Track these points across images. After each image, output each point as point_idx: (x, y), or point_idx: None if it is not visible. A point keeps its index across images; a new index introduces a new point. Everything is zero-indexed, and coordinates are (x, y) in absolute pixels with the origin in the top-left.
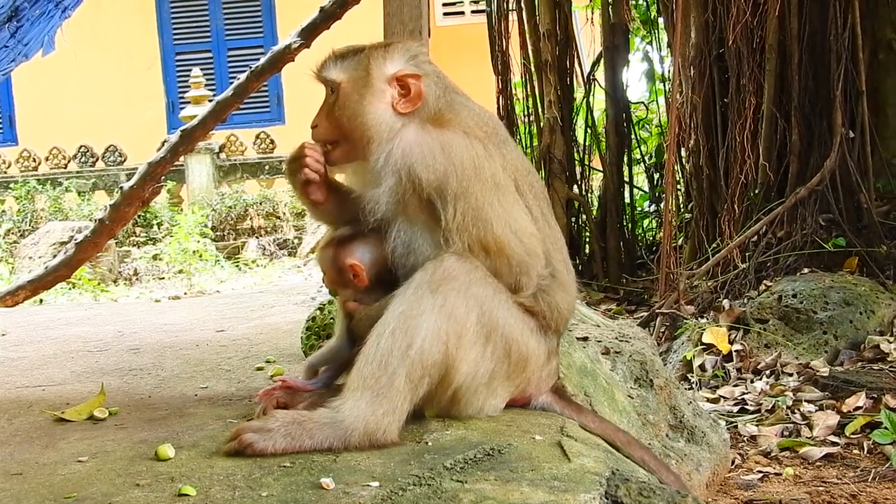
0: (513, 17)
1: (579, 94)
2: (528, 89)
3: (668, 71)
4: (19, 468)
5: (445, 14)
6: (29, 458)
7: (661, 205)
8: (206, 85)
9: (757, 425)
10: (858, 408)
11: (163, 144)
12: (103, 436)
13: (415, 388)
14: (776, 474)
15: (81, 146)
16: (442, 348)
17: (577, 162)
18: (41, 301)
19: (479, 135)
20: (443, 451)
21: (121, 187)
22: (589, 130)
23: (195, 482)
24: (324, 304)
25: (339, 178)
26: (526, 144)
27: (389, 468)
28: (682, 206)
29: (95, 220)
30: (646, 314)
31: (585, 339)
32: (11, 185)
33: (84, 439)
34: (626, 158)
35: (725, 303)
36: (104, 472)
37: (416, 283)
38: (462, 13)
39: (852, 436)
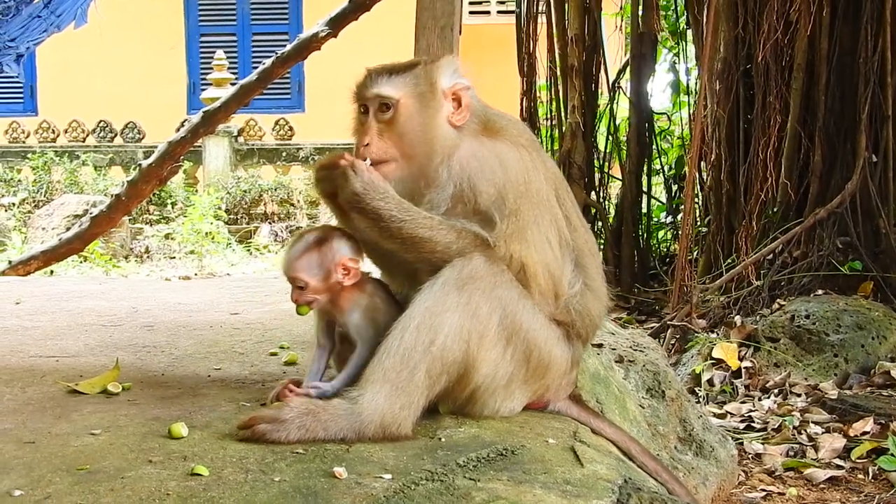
0: (541, 19)
1: (603, 100)
2: (553, 93)
3: (694, 83)
4: (32, 437)
5: (471, 13)
6: (41, 427)
7: (678, 217)
8: (228, 68)
9: (763, 443)
10: (866, 433)
11: (182, 124)
12: (116, 410)
13: (433, 385)
14: (780, 494)
15: (101, 121)
16: (463, 346)
17: (596, 168)
18: (52, 272)
19: (524, 143)
20: (456, 448)
21: (139, 164)
22: (610, 138)
23: (208, 463)
24: None
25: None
26: (547, 148)
27: (402, 461)
28: (698, 219)
29: (112, 196)
30: (656, 325)
31: (600, 345)
32: (29, 156)
33: (97, 412)
34: (645, 168)
35: (737, 319)
36: (117, 446)
37: (444, 279)
38: (488, 13)
39: (858, 460)
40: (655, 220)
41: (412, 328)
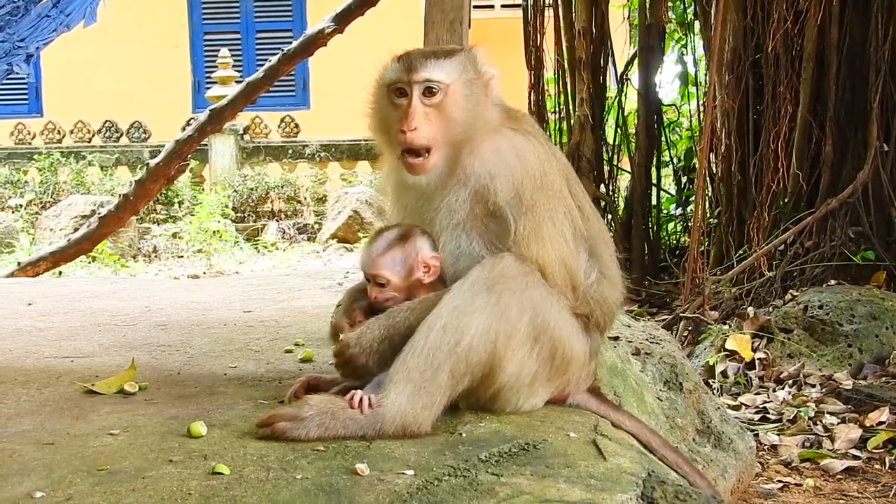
0: (548, 12)
1: (611, 93)
2: (561, 86)
3: (703, 74)
4: (51, 438)
5: (476, 7)
6: (60, 428)
7: (688, 209)
8: (233, 66)
9: (778, 435)
10: (881, 423)
11: (189, 123)
12: (134, 410)
13: (456, 385)
14: (796, 485)
15: (106, 121)
16: (490, 347)
17: (605, 161)
18: (60, 273)
19: (536, 134)
20: (477, 444)
21: (147, 163)
22: (619, 130)
23: (228, 461)
24: None
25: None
26: (555, 141)
27: (424, 457)
28: (709, 211)
29: (120, 196)
30: (668, 317)
31: (616, 338)
32: (35, 157)
33: (114, 412)
34: (655, 160)
35: (750, 310)
36: (136, 446)
37: (474, 278)
38: (492, 7)
39: (874, 450)
40: (665, 212)
41: (438, 328)
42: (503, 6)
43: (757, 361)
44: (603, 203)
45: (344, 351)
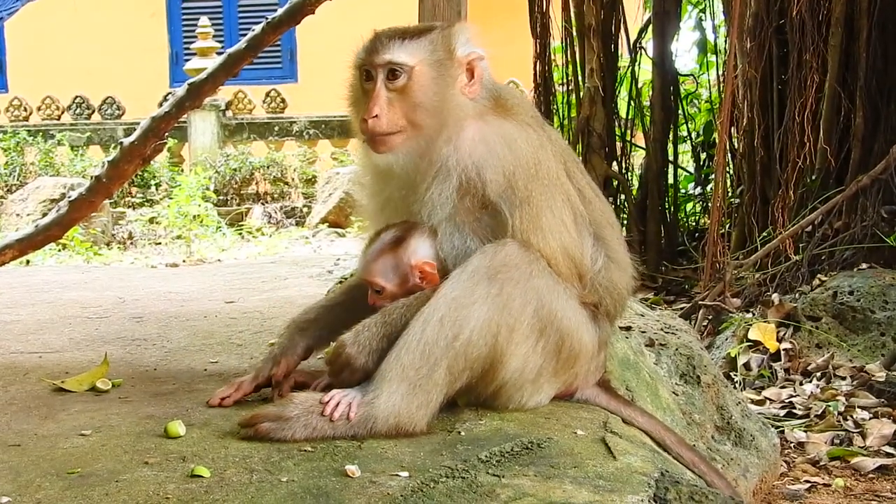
0: None
1: (624, 62)
2: (569, 55)
3: (723, 42)
4: (17, 439)
5: None
6: (27, 428)
7: (708, 187)
8: (214, 36)
9: (805, 431)
10: None
11: (166, 98)
12: (107, 409)
13: (453, 382)
14: (825, 485)
15: (77, 97)
16: (491, 341)
17: (617, 137)
18: (27, 262)
19: (529, 121)
20: (477, 443)
21: (120, 142)
22: (632, 103)
23: (209, 463)
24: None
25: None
26: (563, 115)
27: (419, 458)
28: (730, 189)
29: (91, 177)
30: (687, 305)
31: (628, 328)
32: None
33: (86, 411)
34: (671, 135)
35: (775, 297)
36: (109, 447)
37: (473, 267)
38: None
39: None
40: (683, 191)
41: (435, 321)
42: None
43: (782, 352)
44: (615, 182)
45: (340, 353)
